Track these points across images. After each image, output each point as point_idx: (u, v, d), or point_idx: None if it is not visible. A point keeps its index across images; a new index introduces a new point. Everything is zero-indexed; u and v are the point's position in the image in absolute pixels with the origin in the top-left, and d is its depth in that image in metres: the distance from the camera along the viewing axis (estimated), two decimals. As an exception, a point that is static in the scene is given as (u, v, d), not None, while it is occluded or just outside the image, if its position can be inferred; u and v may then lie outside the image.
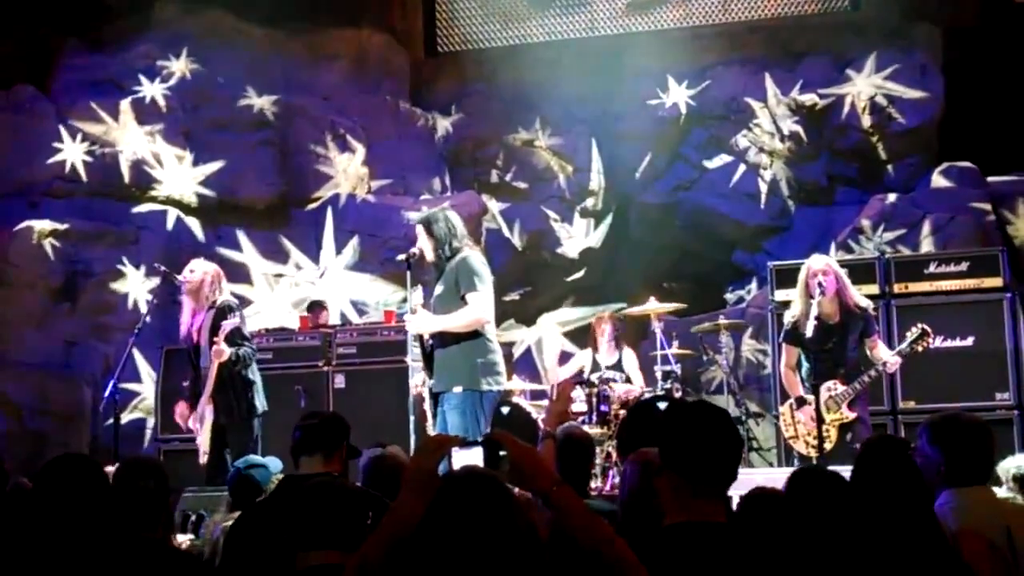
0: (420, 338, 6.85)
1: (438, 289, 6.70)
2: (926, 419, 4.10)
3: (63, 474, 3.59)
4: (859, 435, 7.36)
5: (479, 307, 6.56)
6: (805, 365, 7.70)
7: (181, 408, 7.90)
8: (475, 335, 6.62)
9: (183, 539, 5.42)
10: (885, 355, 7.59)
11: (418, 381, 7.14)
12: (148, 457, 6.15)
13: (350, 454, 4.68)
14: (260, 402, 7.72)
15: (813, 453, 7.53)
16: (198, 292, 7.80)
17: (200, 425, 7.69)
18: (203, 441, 7.68)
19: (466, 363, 6.60)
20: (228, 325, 7.45)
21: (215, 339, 7.40)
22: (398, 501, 2.76)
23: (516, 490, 2.64)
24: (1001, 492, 4.70)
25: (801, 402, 7.68)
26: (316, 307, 10.66)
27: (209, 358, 7.49)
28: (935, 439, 3.90)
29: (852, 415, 7.54)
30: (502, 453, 2.76)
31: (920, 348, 7.63)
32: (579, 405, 9.36)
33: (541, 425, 8.20)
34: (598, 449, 9.04)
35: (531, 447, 2.80)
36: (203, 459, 7.63)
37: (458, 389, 6.55)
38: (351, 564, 2.78)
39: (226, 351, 7.41)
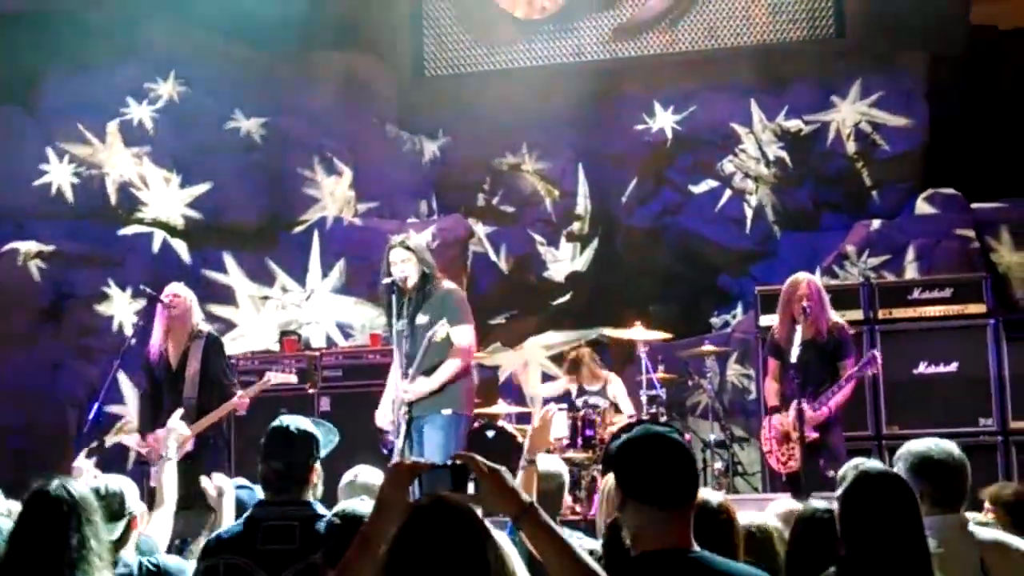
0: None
1: (421, 319, 6.93)
2: (904, 445, 4.12)
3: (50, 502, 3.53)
4: (833, 459, 7.33)
5: (467, 350, 7.11)
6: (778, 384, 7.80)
7: (142, 440, 7.95)
8: None
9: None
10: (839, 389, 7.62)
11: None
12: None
13: None
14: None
15: (782, 470, 7.63)
16: (183, 317, 7.86)
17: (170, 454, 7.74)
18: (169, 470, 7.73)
19: (454, 388, 7.08)
20: (266, 384, 7.98)
21: (243, 394, 7.77)
22: (369, 525, 2.77)
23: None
24: (979, 517, 4.71)
25: (775, 410, 7.74)
26: (290, 336, 10.63)
27: (197, 391, 7.71)
28: (913, 465, 3.92)
29: (814, 435, 7.46)
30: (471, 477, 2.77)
31: (870, 373, 7.76)
32: (560, 430, 9.36)
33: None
34: (583, 474, 9.06)
35: (498, 469, 2.81)
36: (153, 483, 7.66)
37: (447, 411, 7.03)
38: None
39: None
